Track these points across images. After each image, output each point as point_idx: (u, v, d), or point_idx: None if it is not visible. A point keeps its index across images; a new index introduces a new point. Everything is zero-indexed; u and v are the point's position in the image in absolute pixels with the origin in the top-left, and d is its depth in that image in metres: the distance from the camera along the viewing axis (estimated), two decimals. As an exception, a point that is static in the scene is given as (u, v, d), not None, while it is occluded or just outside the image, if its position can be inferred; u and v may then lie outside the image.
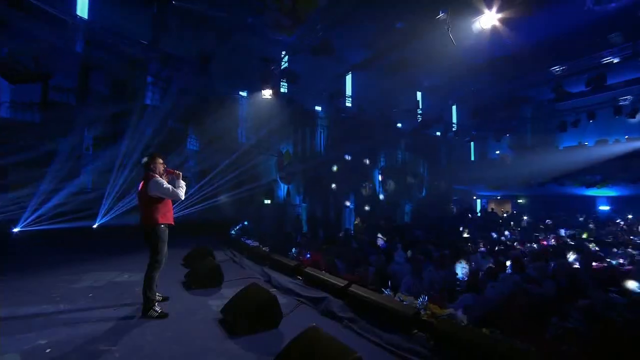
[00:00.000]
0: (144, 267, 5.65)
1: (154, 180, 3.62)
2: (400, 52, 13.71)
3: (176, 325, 3.39)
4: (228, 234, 8.94)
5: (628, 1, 8.62)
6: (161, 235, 3.66)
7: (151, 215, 3.63)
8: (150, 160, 3.77)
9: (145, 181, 3.69)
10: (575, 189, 14.83)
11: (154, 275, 3.62)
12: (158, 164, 3.77)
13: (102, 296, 4.21)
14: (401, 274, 5.82)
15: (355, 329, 3.34)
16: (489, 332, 2.62)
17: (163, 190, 3.62)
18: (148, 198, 3.63)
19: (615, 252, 7.12)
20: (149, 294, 3.57)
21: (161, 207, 3.70)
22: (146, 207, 3.65)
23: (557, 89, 11.87)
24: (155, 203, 3.66)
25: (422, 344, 2.84)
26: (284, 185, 14.19)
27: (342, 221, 15.73)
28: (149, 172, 3.73)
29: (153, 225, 3.63)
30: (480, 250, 7.63)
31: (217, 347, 2.93)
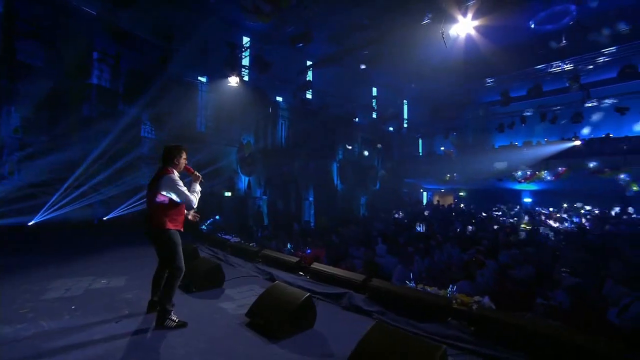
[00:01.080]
0: (119, 270, 5.11)
1: (168, 176, 3.18)
2: (363, 49, 14.05)
3: (202, 334, 3.11)
4: (198, 229, 8.36)
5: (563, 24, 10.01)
6: (173, 237, 3.25)
7: (159, 218, 3.19)
8: (176, 152, 3.31)
9: (157, 177, 3.24)
10: (509, 183, 16.93)
11: (176, 285, 3.25)
12: (183, 159, 3.35)
13: (89, 308, 3.65)
14: (385, 265, 6.14)
15: (388, 321, 3.45)
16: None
17: (176, 191, 3.17)
18: (160, 197, 3.18)
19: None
20: (168, 305, 3.21)
21: (172, 210, 3.24)
22: (154, 207, 3.20)
23: (504, 94, 13.35)
24: (167, 205, 3.20)
25: (462, 330, 3.06)
26: (245, 177, 13.70)
27: (303, 214, 15.82)
28: (167, 166, 3.28)
29: (160, 229, 3.19)
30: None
31: (263, 354, 2.78)
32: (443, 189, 23.23)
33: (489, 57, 11.51)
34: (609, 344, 2.40)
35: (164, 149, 3.35)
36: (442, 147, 23.05)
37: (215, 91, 12.64)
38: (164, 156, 3.33)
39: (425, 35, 11.81)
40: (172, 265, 3.24)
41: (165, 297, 3.20)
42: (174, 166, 3.31)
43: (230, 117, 12.99)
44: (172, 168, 3.29)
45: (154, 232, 3.24)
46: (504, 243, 7.11)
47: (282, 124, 15.15)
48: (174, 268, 3.23)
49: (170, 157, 3.30)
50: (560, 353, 2.54)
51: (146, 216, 3.34)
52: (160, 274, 3.56)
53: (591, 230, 9.00)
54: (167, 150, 3.33)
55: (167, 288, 3.21)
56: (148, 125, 11.35)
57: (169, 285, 3.22)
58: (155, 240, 3.29)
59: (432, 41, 12.62)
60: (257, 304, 3.37)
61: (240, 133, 13.57)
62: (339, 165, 18.18)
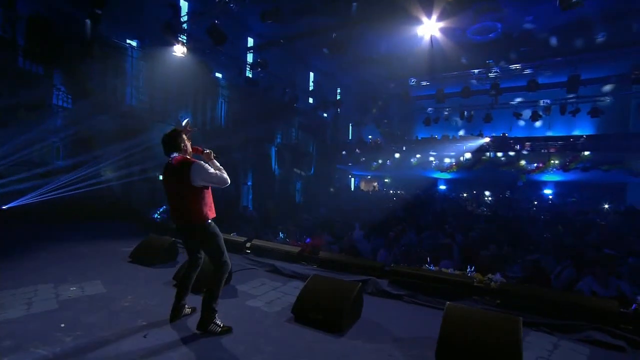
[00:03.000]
0: (80, 272, 4.31)
1: (197, 165, 2.79)
2: (305, 32, 13.91)
3: (256, 337, 2.88)
4: (147, 218, 7.35)
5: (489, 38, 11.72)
6: (216, 229, 2.94)
7: (198, 211, 2.84)
8: (178, 136, 2.90)
9: (179, 168, 2.81)
10: (430, 172, 19.27)
11: (223, 282, 2.92)
12: (188, 142, 2.96)
13: (88, 324, 2.99)
14: (362, 250, 6.54)
15: (420, 302, 3.76)
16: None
17: (210, 178, 2.83)
18: (191, 190, 2.81)
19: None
20: (214, 304, 2.87)
21: (208, 199, 2.93)
22: (188, 201, 2.83)
23: (438, 91, 15.01)
24: (202, 195, 2.86)
25: (490, 303, 3.56)
26: (182, 159, 12.39)
27: (241, 198, 15.22)
28: (182, 155, 2.88)
29: (202, 223, 2.86)
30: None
31: (340, 348, 2.75)
32: (370, 175, 25.06)
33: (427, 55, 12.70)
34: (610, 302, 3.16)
35: (164, 138, 2.92)
36: (370, 135, 24.71)
37: (150, 59, 10.95)
38: (168, 145, 2.90)
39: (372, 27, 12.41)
40: (220, 260, 2.91)
41: (211, 297, 2.86)
42: (183, 152, 2.92)
43: (167, 91, 11.49)
44: (185, 155, 2.91)
45: (197, 228, 2.87)
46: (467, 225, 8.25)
47: (222, 102, 14.08)
48: (221, 263, 2.91)
49: (176, 144, 2.89)
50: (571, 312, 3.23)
51: (175, 212, 2.96)
52: (189, 274, 3.15)
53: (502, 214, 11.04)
54: (168, 137, 2.91)
55: (215, 287, 2.88)
56: (63, 92, 9.24)
57: (216, 283, 2.89)
58: (197, 236, 2.93)
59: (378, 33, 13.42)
60: (304, 299, 3.27)
61: (177, 109, 12.13)
62: (277, 150, 17.92)
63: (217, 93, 13.72)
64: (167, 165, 2.95)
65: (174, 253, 5.10)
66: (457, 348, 2.54)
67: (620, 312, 3.17)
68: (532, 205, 12.96)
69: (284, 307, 3.57)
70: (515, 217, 10.62)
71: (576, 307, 3.26)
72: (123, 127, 9.97)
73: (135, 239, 6.55)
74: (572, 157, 13.65)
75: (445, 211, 11.80)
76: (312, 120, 20.27)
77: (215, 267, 2.91)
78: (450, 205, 13.15)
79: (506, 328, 2.55)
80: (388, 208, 12.31)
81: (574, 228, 8.56)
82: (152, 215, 7.52)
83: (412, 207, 11.49)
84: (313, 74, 20.59)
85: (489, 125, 16.96)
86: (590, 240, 7.12)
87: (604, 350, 2.91)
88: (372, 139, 24.30)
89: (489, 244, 6.40)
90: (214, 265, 2.93)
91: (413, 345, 2.86)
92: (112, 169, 9.78)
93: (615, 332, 3.07)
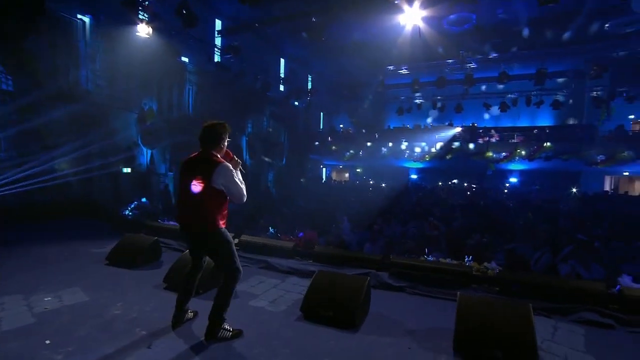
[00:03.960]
0: (50, 279, 4.01)
1: (224, 166, 2.62)
2: (280, 16, 13.56)
3: (269, 339, 2.80)
4: (118, 216, 6.87)
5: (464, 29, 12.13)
6: (228, 236, 2.78)
7: (211, 216, 2.67)
8: (223, 131, 2.73)
9: (204, 165, 2.64)
10: (402, 161, 19.80)
11: (234, 289, 2.79)
12: (226, 142, 2.78)
13: (80, 337, 2.75)
14: (349, 242, 6.63)
15: (422, 293, 3.88)
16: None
17: (233, 185, 2.65)
18: (211, 192, 2.63)
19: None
20: (224, 313, 2.74)
21: (224, 205, 2.75)
22: (203, 203, 2.65)
23: (414, 81, 15.34)
24: (218, 199, 2.69)
25: (490, 291, 3.75)
26: (147, 149, 11.67)
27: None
28: (212, 153, 2.70)
29: (215, 230, 2.69)
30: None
31: (358, 344, 2.74)
32: (341, 165, 25.27)
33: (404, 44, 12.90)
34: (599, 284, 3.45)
35: (205, 127, 2.72)
36: (342, 125, 24.84)
37: (108, 39, 10.07)
38: (205, 136, 2.72)
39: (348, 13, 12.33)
40: (231, 268, 2.76)
41: (222, 304, 2.72)
42: (218, 150, 2.74)
43: (129, 75, 10.68)
44: (217, 155, 2.73)
45: (209, 235, 2.71)
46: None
47: (190, 89, 13.38)
48: (233, 270, 2.77)
49: (215, 138, 2.72)
50: (565, 295, 3.49)
51: (185, 213, 2.76)
52: (192, 278, 2.98)
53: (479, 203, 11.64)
54: (211, 128, 2.72)
55: (226, 295, 2.74)
56: (1, 73, 8.26)
57: (227, 290, 2.75)
58: (206, 242, 2.77)
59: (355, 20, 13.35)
60: (313, 297, 3.24)
61: (141, 96, 11.35)
62: (248, 140, 17.48)
63: (184, 79, 13.00)
64: (189, 161, 2.75)
65: (158, 252, 4.82)
66: (474, 336, 2.65)
67: (608, 293, 3.48)
68: (501, 194, 13.82)
69: (289, 305, 3.52)
70: (491, 205, 11.24)
71: (569, 291, 3.53)
72: (79, 115, 9.15)
73: (106, 238, 6.15)
74: (537, 147, 14.71)
75: (421, 201, 12.23)
76: (283, 109, 19.94)
77: (226, 275, 2.76)
78: (426, 194, 13.65)
79: (518, 314, 2.70)
80: (368, 199, 12.51)
81: (543, 215, 9.24)
82: (122, 212, 7.03)
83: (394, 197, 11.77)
84: (284, 60, 20.17)
85: (458, 115, 17.72)
86: (564, 226, 7.72)
87: (597, 329, 3.19)
88: (343, 128, 24.45)
89: (471, 233, 6.74)
90: (225, 273, 2.77)
91: (428, 337, 2.95)
92: (68, 163, 8.99)
93: (604, 311, 3.37)
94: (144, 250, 4.59)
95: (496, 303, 2.89)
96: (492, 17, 11.50)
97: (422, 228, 7.18)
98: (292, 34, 15.92)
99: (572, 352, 2.76)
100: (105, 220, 7.35)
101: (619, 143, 13.84)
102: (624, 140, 14.06)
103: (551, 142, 14.66)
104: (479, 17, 11.52)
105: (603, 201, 11.75)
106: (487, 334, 2.63)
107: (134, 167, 11.31)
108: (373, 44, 15.62)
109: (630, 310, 3.33)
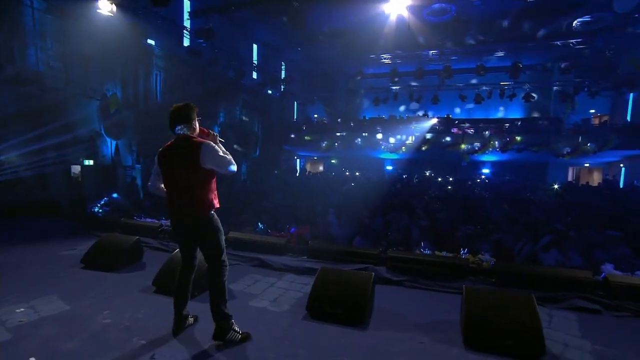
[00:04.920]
0: (29, 286, 3.86)
1: (207, 145, 2.53)
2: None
3: (282, 341, 2.77)
4: (85, 213, 6.42)
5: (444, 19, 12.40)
6: (219, 224, 2.69)
7: (203, 200, 2.59)
8: (192, 111, 2.63)
9: (185, 148, 2.54)
10: (378, 152, 20.09)
11: (225, 282, 2.70)
12: (197, 120, 2.68)
13: (64, 352, 2.55)
14: (336, 236, 6.68)
15: (421, 287, 3.99)
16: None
17: (221, 160, 2.57)
18: (199, 174, 2.54)
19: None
20: (225, 308, 2.65)
21: (214, 185, 2.70)
22: (195, 188, 2.57)
23: (393, 70, 15.49)
24: (210, 180, 2.63)
25: (486, 282, 3.93)
26: (111, 140, 10.96)
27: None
28: (189, 135, 2.60)
29: (207, 213, 2.61)
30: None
31: (373, 341, 2.77)
32: (316, 156, 25.24)
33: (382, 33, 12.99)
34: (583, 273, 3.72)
35: (173, 112, 2.62)
36: (316, 115, 24.71)
37: (62, 15, 9.24)
38: (179, 117, 2.60)
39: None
40: (219, 260, 2.67)
41: (219, 300, 2.64)
42: (192, 131, 2.64)
43: (87, 57, 9.89)
44: (194, 134, 2.65)
45: (201, 220, 2.60)
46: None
47: (157, 74, 12.68)
48: (220, 262, 2.68)
49: (188, 117, 2.61)
50: (557, 284, 3.73)
51: (175, 203, 2.64)
52: (186, 279, 2.84)
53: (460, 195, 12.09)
54: (178, 111, 2.61)
55: (218, 288, 2.65)
56: None
57: (218, 284, 2.66)
58: (199, 231, 2.64)
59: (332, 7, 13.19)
60: (318, 295, 3.22)
61: (103, 82, 10.58)
62: (220, 129, 16.94)
63: (152, 63, 12.29)
64: (167, 150, 2.62)
65: (139, 253, 4.58)
66: (483, 326, 2.76)
67: (594, 281, 3.77)
68: (476, 185, 14.47)
69: (292, 304, 3.48)
70: (471, 197, 11.72)
71: (560, 280, 3.78)
72: (27, 100, 8.39)
73: (73, 239, 5.79)
74: (510, 139, 15.52)
75: (400, 192, 12.52)
76: (257, 98, 19.49)
77: (213, 268, 2.67)
78: (403, 186, 13.98)
79: (523, 304, 2.85)
80: (347, 191, 12.60)
81: (519, 206, 9.79)
82: (91, 209, 6.58)
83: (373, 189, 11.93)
84: (257, 46, 19.62)
85: (433, 107, 18.25)
86: (542, 217, 8.22)
87: (586, 315, 3.45)
88: (317, 118, 24.35)
89: (456, 225, 7.01)
90: (211, 265, 2.67)
91: (435, 329, 3.04)
92: (19, 156, 8.24)
93: (591, 297, 3.64)
94: (125, 251, 4.34)
95: (500, 294, 3.03)
96: (470, 9, 11.83)
97: (404, 220, 7.35)
98: (264, 18, 15.51)
99: (570, 338, 2.97)
100: (68, 219, 6.85)
101: (583, 136, 14.93)
102: (586, 133, 15.17)
103: (522, 135, 15.53)
104: (458, 8, 11.80)
105: (570, 192, 12.66)
106: (496, 324, 2.75)
107: (97, 160, 10.61)
108: (350, 31, 15.55)
109: (614, 296, 3.62)
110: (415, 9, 11.66)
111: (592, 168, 18.89)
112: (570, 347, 2.82)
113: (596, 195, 11.99)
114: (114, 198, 7.56)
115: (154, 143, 2.72)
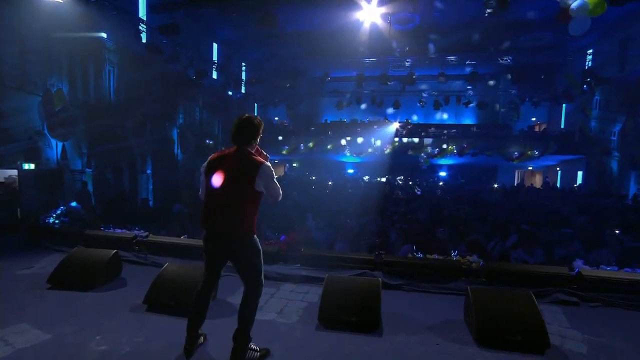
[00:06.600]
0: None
1: (266, 167, 2.44)
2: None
3: (303, 354, 2.71)
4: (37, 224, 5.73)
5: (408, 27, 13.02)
6: (259, 246, 2.59)
7: (248, 220, 2.47)
8: (260, 127, 2.53)
9: (244, 165, 2.43)
10: (341, 156, 20.44)
11: (258, 304, 2.62)
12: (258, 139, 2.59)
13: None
14: (316, 240, 6.72)
15: (418, 289, 4.14)
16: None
17: (273, 187, 2.48)
18: (250, 195, 2.44)
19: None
20: (250, 330, 2.55)
21: (258, 208, 2.56)
22: (241, 205, 2.44)
23: (359, 75, 15.84)
24: (257, 202, 2.52)
25: (479, 282, 4.18)
26: (57, 141, 9.89)
27: (139, 190, 13.27)
28: (250, 151, 2.50)
29: (246, 237, 2.49)
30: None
31: (391, 347, 2.82)
32: (277, 160, 24.99)
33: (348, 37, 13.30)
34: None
35: (242, 121, 2.50)
36: (277, 117, 24.49)
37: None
38: (241, 131, 2.49)
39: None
40: (258, 281, 2.59)
41: (250, 321, 2.54)
42: (252, 147, 2.54)
43: (26, 48, 8.87)
44: (255, 153, 2.54)
45: (243, 242, 2.48)
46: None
47: (111, 70, 11.73)
48: (259, 283, 2.60)
49: (253, 134, 2.52)
50: (540, 280, 4.10)
51: (216, 217, 2.48)
52: (206, 296, 2.68)
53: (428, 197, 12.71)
54: (248, 122, 2.50)
55: (251, 310, 2.56)
56: None
57: (253, 305, 2.58)
58: (239, 251, 2.51)
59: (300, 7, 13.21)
60: (329, 304, 3.21)
61: (45, 75, 9.53)
62: (180, 132, 16.15)
63: (103, 58, 11.33)
64: (222, 159, 2.47)
65: (118, 268, 4.21)
66: (493, 325, 2.95)
67: (570, 275, 4.19)
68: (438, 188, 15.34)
69: (301, 315, 3.43)
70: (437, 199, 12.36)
71: (543, 276, 4.14)
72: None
73: (26, 255, 5.19)
74: (467, 143, 16.70)
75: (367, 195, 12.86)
76: (217, 99, 18.86)
77: (251, 289, 2.57)
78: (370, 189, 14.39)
79: (523, 301, 3.10)
80: (313, 195, 12.66)
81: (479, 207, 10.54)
82: (45, 220, 5.87)
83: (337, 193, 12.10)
84: (217, 45, 19.02)
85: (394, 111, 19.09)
86: (495, 217, 8.92)
87: (569, 307, 3.82)
88: (278, 120, 24.15)
89: (433, 226, 7.36)
90: (249, 286, 2.57)
91: (445, 330, 3.17)
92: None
93: (569, 291, 4.05)
94: (102, 266, 3.95)
95: (502, 293, 3.25)
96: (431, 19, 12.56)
97: (379, 223, 7.58)
98: (228, 15, 15.07)
99: (564, 330, 3.27)
100: (9, 232, 6.06)
101: (529, 141, 16.56)
102: (531, 139, 16.85)
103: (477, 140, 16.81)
104: (422, 18, 12.47)
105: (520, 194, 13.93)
106: (504, 322, 2.95)
107: (39, 163, 9.51)
108: (315, 34, 15.70)
109: (587, 289, 4.06)
110: (383, 16, 12.11)
111: (535, 171, 20.96)
112: (567, 338, 3.11)
113: (543, 197, 13.32)
114: (72, 207, 6.82)
115: (107, 144, 2.50)
